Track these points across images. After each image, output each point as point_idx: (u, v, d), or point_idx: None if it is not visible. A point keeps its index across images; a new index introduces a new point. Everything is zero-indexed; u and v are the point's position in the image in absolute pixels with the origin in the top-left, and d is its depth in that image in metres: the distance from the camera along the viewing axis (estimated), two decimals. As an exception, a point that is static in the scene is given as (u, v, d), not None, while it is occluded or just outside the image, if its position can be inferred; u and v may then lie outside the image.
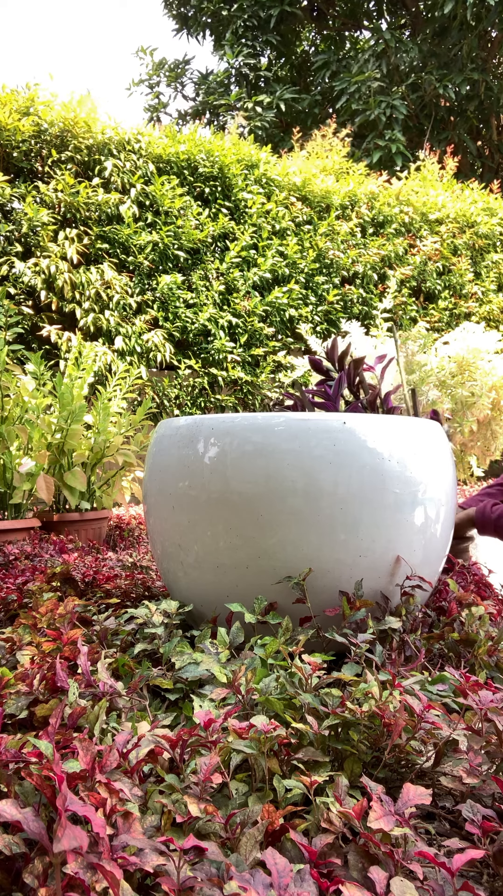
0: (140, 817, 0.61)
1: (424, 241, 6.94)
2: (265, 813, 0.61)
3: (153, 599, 1.51)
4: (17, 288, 4.61)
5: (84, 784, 0.59)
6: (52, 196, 4.87)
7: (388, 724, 0.72)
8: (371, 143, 11.21)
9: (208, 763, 0.65)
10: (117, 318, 4.87)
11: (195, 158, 5.68)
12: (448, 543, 1.29)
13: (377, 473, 1.11)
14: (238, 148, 6.00)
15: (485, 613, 1.14)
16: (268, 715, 0.82)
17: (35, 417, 2.93)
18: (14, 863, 0.55)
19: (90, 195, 4.99)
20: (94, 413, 3.16)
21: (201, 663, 0.96)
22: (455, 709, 0.87)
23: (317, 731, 0.73)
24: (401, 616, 1.10)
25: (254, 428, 1.12)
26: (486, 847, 0.61)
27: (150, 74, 14.27)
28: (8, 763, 0.64)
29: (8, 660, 1.03)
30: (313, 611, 1.10)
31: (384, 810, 0.60)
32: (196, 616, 1.23)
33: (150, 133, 5.56)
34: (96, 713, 0.77)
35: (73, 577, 1.53)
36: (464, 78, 11.25)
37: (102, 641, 1.13)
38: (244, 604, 1.12)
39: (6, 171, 4.90)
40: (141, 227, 5.24)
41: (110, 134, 5.23)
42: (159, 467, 1.24)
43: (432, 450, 1.21)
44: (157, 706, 0.95)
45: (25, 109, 4.99)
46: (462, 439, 4.79)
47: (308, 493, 1.09)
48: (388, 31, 12.20)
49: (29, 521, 2.71)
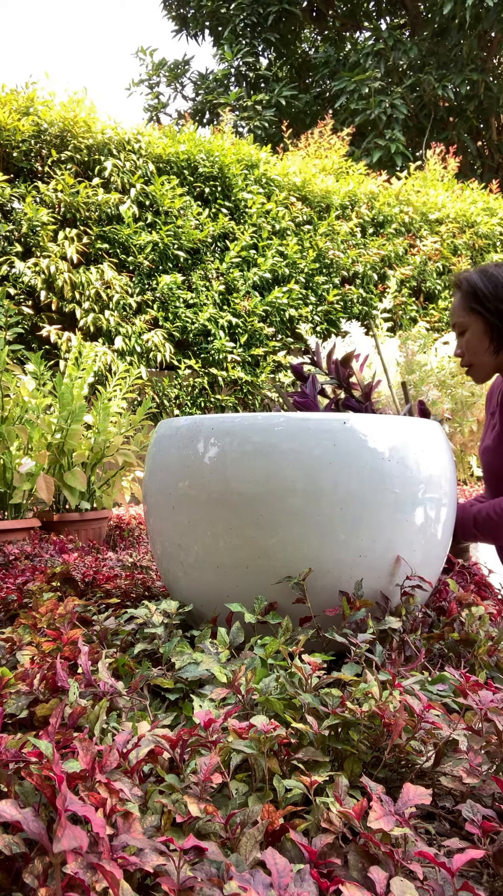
0: (140, 817, 0.61)
1: (424, 241, 6.94)
2: (265, 813, 0.61)
3: (153, 599, 1.51)
4: (17, 288, 4.61)
5: (84, 784, 0.59)
6: (52, 196, 4.87)
7: (388, 724, 0.72)
8: (371, 142, 11.21)
9: (208, 763, 0.65)
10: (117, 318, 4.87)
11: (195, 158, 5.68)
12: (448, 543, 1.29)
13: (377, 473, 1.11)
14: (238, 148, 6.01)
15: (485, 613, 1.14)
16: (269, 715, 0.82)
17: (35, 417, 2.93)
18: (14, 863, 0.55)
19: (90, 195, 4.99)
20: (94, 413, 3.16)
21: (201, 663, 0.96)
22: (455, 709, 0.87)
23: (317, 731, 0.73)
24: (401, 616, 1.10)
25: (254, 428, 1.12)
26: (486, 847, 0.61)
27: (150, 74, 14.28)
28: (8, 763, 0.64)
29: (8, 660, 1.03)
30: (313, 611, 1.10)
31: (384, 810, 0.60)
32: (196, 616, 1.23)
33: (149, 133, 5.56)
34: (96, 713, 0.77)
35: (73, 577, 1.53)
36: (463, 78, 11.25)
37: (102, 641, 1.13)
38: (244, 604, 1.12)
39: (6, 171, 4.90)
40: (141, 227, 5.24)
41: (110, 134, 5.23)
42: (159, 467, 1.24)
43: (432, 450, 1.21)
44: (157, 706, 0.95)
45: (25, 109, 4.99)
46: (462, 439, 4.79)
47: (308, 493, 1.09)
48: (388, 30, 12.21)
49: (29, 521, 2.71)
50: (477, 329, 1.61)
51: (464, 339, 1.65)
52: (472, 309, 1.60)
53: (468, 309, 1.61)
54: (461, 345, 1.66)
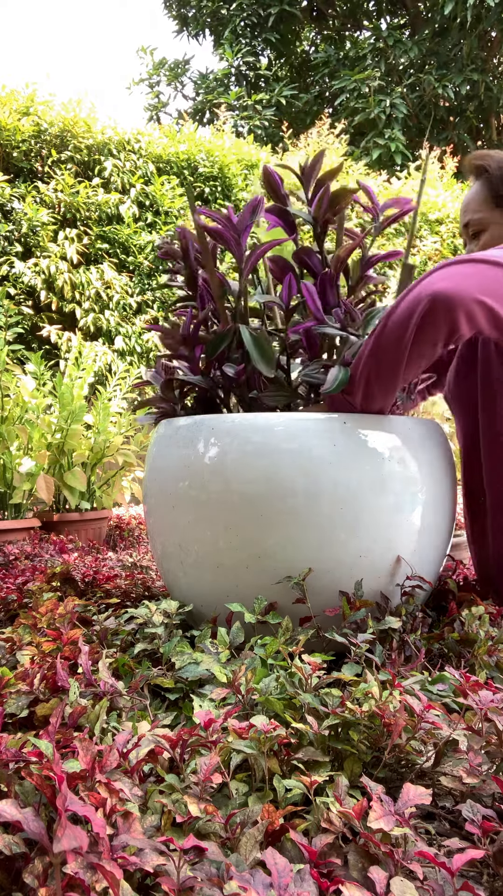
0: (140, 817, 0.61)
1: (424, 240, 6.93)
2: (265, 813, 0.61)
3: (153, 599, 1.51)
4: (17, 288, 4.60)
5: (84, 784, 0.59)
6: (52, 196, 4.87)
7: (388, 723, 0.72)
8: (370, 141, 11.20)
9: (208, 763, 0.65)
10: (117, 318, 4.87)
11: (195, 158, 5.68)
12: (448, 543, 1.29)
13: (377, 473, 1.11)
14: (238, 148, 6.00)
15: (484, 613, 1.14)
16: (268, 715, 0.82)
17: (35, 417, 2.93)
18: (14, 863, 0.55)
19: (90, 195, 4.99)
20: (94, 413, 3.16)
21: (201, 663, 0.96)
22: (455, 709, 0.87)
23: (317, 730, 0.73)
24: (401, 616, 1.10)
25: (254, 428, 1.12)
26: (486, 847, 0.61)
27: (151, 74, 14.27)
28: (8, 763, 0.64)
29: (8, 660, 1.03)
30: (313, 611, 1.10)
31: (384, 810, 0.60)
32: (196, 616, 1.23)
33: (149, 133, 5.56)
34: (97, 713, 0.77)
35: (73, 577, 1.53)
36: (463, 78, 11.25)
37: (102, 641, 1.13)
38: (244, 604, 1.12)
39: (6, 171, 4.90)
40: (141, 227, 5.24)
41: (110, 134, 5.23)
42: (159, 467, 1.24)
43: (432, 450, 1.21)
44: (157, 706, 0.95)
45: (25, 109, 4.99)
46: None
47: (308, 493, 1.09)
48: (388, 30, 12.20)
49: (29, 521, 2.71)
50: (502, 227, 1.28)
51: (481, 241, 1.31)
52: (500, 200, 1.28)
53: (494, 200, 1.28)
54: (473, 251, 1.31)
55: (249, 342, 1.11)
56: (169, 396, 1.26)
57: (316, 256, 1.15)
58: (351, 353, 1.13)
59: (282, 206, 1.14)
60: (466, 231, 1.35)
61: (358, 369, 1.10)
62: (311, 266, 1.15)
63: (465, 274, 1.04)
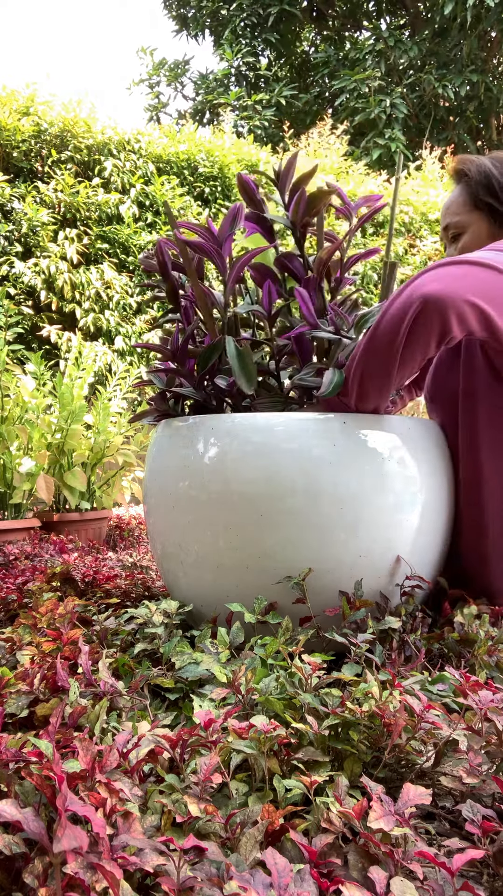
0: (140, 817, 0.61)
1: (424, 241, 6.94)
2: (265, 813, 0.61)
3: (153, 599, 1.51)
4: (17, 288, 4.60)
5: (84, 784, 0.59)
6: (52, 196, 4.87)
7: (388, 723, 0.72)
8: (370, 141, 11.21)
9: (208, 763, 0.65)
10: (117, 318, 4.87)
11: (195, 158, 5.68)
12: (448, 543, 1.29)
13: (377, 473, 1.11)
14: (238, 148, 6.01)
15: (484, 613, 1.14)
16: (268, 715, 0.82)
17: (35, 417, 2.93)
18: (14, 863, 0.55)
19: (90, 195, 4.99)
20: (94, 413, 3.16)
21: (201, 663, 0.96)
22: (455, 709, 0.87)
23: (317, 730, 0.73)
24: (400, 616, 1.10)
25: (254, 428, 1.12)
26: (486, 847, 0.61)
27: (151, 74, 14.27)
28: (8, 763, 0.64)
29: (8, 660, 1.03)
30: (313, 611, 1.10)
31: (384, 810, 0.60)
32: (196, 616, 1.23)
33: (149, 133, 5.56)
34: (97, 712, 0.77)
35: (73, 577, 1.53)
36: (463, 78, 11.26)
37: (102, 641, 1.13)
38: (244, 604, 1.12)
39: (6, 171, 4.90)
40: (141, 227, 5.24)
41: (110, 134, 5.23)
42: (159, 467, 1.24)
43: (432, 450, 1.21)
44: (157, 706, 0.95)
45: (25, 109, 4.99)
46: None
47: (308, 493, 1.09)
48: (388, 30, 12.20)
49: (29, 521, 2.71)
50: (480, 230, 1.30)
51: (460, 244, 1.32)
52: (479, 203, 1.29)
53: (473, 203, 1.30)
54: (452, 253, 1.33)
55: (233, 355, 1.11)
56: (163, 408, 1.27)
57: (297, 260, 1.15)
58: (344, 355, 1.14)
59: (259, 212, 1.13)
60: (446, 234, 1.37)
61: (351, 371, 1.11)
62: (294, 270, 1.15)
63: (456, 275, 1.05)
